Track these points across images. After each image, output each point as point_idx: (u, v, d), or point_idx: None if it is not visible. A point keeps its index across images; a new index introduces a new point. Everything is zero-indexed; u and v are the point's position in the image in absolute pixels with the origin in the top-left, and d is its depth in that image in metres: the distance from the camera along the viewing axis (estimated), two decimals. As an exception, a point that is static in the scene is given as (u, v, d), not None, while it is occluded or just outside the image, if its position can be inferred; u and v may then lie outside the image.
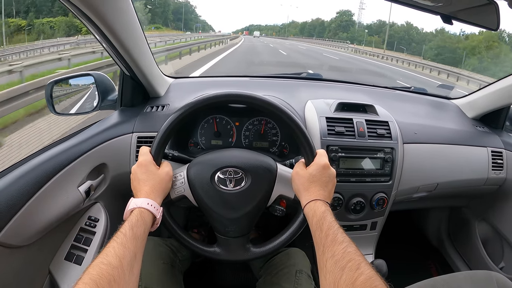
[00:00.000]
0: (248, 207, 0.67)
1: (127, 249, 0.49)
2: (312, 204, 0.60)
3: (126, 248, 0.49)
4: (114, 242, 0.50)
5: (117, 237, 0.51)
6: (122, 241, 0.50)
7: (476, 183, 1.10)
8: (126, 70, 0.90)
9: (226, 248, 0.69)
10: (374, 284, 0.44)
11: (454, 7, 0.75)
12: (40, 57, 9.02)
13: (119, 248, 0.49)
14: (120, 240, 0.50)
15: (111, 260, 0.46)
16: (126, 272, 0.46)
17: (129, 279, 0.47)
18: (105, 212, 0.87)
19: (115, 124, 0.91)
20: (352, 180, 0.93)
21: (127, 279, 0.46)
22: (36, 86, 3.84)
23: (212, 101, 0.69)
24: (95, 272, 0.44)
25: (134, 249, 0.50)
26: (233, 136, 0.95)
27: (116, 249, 0.48)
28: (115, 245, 0.49)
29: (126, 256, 0.48)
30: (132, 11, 0.73)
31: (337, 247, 0.50)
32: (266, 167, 0.69)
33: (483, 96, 1.19)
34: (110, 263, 0.46)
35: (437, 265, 1.45)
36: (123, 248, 0.49)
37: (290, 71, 4.41)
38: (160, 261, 0.79)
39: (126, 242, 0.50)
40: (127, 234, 0.51)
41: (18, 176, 0.67)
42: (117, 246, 0.49)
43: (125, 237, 0.51)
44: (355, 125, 0.94)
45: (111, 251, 0.48)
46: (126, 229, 0.52)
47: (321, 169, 0.64)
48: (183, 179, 0.68)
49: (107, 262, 0.46)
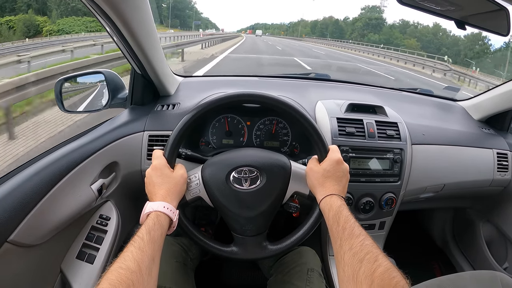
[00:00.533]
0: (264, 205, 0.67)
1: (145, 253, 0.49)
2: (328, 199, 0.61)
3: (144, 252, 0.49)
4: (132, 246, 0.50)
5: (135, 241, 0.51)
6: (139, 245, 0.50)
7: (481, 184, 1.12)
8: (138, 68, 0.90)
9: (243, 247, 0.69)
10: (392, 275, 0.45)
11: (465, 12, 0.76)
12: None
13: (137, 252, 0.49)
14: (138, 244, 0.50)
15: (129, 264, 0.46)
16: (144, 276, 0.47)
17: (147, 283, 0.47)
18: (116, 210, 0.87)
19: (126, 122, 0.91)
20: (362, 180, 0.93)
21: (145, 283, 0.46)
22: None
23: (226, 101, 0.69)
24: (114, 277, 0.44)
25: (152, 253, 0.50)
26: (244, 136, 0.95)
27: (134, 253, 0.48)
28: (133, 250, 0.49)
29: (144, 260, 0.48)
30: (148, 8, 0.73)
31: (354, 240, 0.51)
32: (281, 165, 0.69)
33: (489, 98, 1.20)
34: (129, 268, 0.46)
35: (441, 266, 1.47)
36: (141, 252, 0.49)
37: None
38: (173, 260, 0.79)
39: (143, 246, 0.50)
40: (145, 238, 0.51)
41: (32, 174, 0.67)
42: (135, 250, 0.49)
43: (142, 241, 0.51)
44: (365, 126, 0.95)
45: (129, 255, 0.48)
46: (143, 233, 0.52)
47: (335, 164, 0.65)
48: (198, 181, 0.68)
49: (126, 266, 0.46)
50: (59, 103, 0.95)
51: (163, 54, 0.92)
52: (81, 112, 1.01)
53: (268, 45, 24.48)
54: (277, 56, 14.84)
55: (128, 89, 1.00)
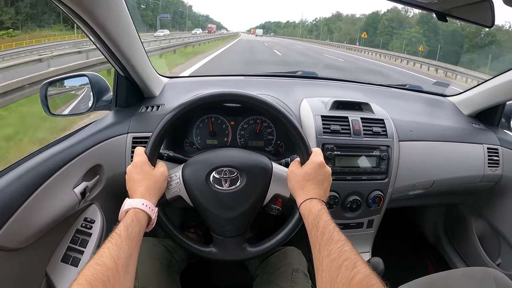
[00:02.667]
0: (243, 207, 0.67)
1: (121, 250, 0.49)
2: (307, 202, 0.60)
3: (121, 248, 0.49)
4: (109, 243, 0.50)
5: (112, 237, 0.51)
6: (117, 242, 0.50)
7: (472, 180, 1.11)
8: (121, 70, 0.90)
9: (222, 248, 0.69)
10: (371, 282, 0.44)
11: (449, 4, 0.75)
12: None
13: (114, 249, 0.48)
14: (115, 241, 0.50)
15: (105, 261, 0.46)
16: (121, 273, 0.46)
17: (124, 280, 0.47)
18: (101, 213, 0.87)
19: (110, 124, 0.91)
20: (348, 178, 0.93)
21: (122, 280, 0.46)
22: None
23: (207, 100, 0.68)
24: (90, 273, 0.44)
25: (129, 250, 0.50)
26: (228, 136, 0.95)
27: (111, 250, 0.48)
28: (110, 246, 0.49)
29: (121, 257, 0.48)
30: (125, 10, 0.73)
31: (333, 246, 0.50)
32: (261, 166, 0.69)
33: (479, 93, 1.19)
34: (105, 264, 0.46)
35: (434, 262, 1.46)
36: (118, 248, 0.49)
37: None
38: (157, 262, 0.79)
39: (121, 243, 0.50)
40: (122, 235, 0.51)
41: (13, 178, 0.67)
42: (112, 247, 0.49)
43: (120, 237, 0.51)
44: (350, 123, 0.94)
45: (105, 252, 0.48)
46: (121, 229, 0.52)
47: (317, 168, 0.64)
48: (178, 179, 0.68)
49: (102, 263, 0.46)
50: (45, 107, 0.95)
51: (146, 56, 0.92)
52: (66, 115, 1.01)
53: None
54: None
55: (112, 91, 1.00)
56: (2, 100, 3.60)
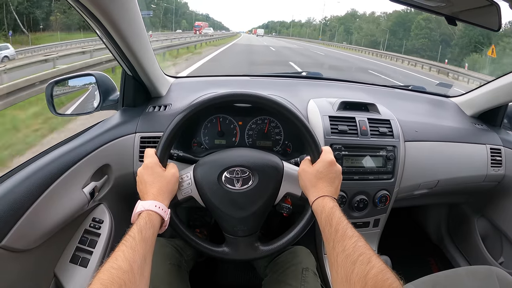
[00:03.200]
0: (256, 206, 0.67)
1: (136, 253, 0.49)
2: (320, 200, 0.61)
3: (136, 251, 0.49)
4: (123, 246, 0.49)
5: (126, 240, 0.50)
6: (131, 245, 0.50)
7: (475, 179, 1.12)
8: (129, 69, 0.90)
9: (234, 247, 0.69)
10: (386, 276, 0.45)
11: (456, 7, 0.76)
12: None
13: (129, 251, 0.48)
14: (130, 243, 0.50)
15: (121, 264, 0.46)
16: (136, 275, 0.46)
17: (139, 283, 0.47)
18: (109, 213, 0.87)
19: (117, 124, 0.90)
20: (355, 178, 0.94)
21: (138, 283, 0.46)
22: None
23: (218, 100, 0.69)
24: (106, 277, 0.44)
25: (143, 252, 0.50)
26: (236, 136, 0.95)
27: (125, 253, 0.48)
28: (124, 249, 0.49)
29: (136, 259, 0.48)
30: (137, 10, 0.73)
31: (347, 241, 0.51)
32: (273, 166, 0.69)
33: (481, 94, 1.21)
34: (121, 267, 0.45)
35: (437, 261, 1.47)
36: (133, 251, 0.49)
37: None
38: (167, 262, 0.78)
39: (135, 246, 0.50)
40: (136, 238, 0.51)
41: (23, 178, 0.66)
42: (127, 250, 0.49)
43: (134, 240, 0.50)
44: (357, 123, 0.95)
45: (120, 255, 0.47)
46: (134, 232, 0.52)
47: (328, 166, 0.64)
48: (190, 180, 0.68)
49: (117, 266, 0.45)
50: (50, 106, 0.94)
51: (154, 56, 0.92)
52: (72, 115, 1.01)
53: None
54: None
55: (119, 91, 0.99)
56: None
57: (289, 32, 77.33)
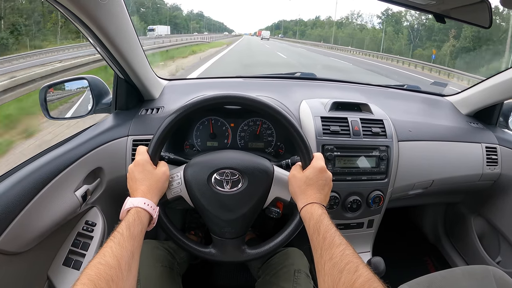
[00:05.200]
0: (244, 209, 0.67)
1: (124, 249, 0.49)
2: (309, 207, 0.61)
3: (124, 247, 0.49)
4: (111, 242, 0.49)
5: (114, 236, 0.51)
6: (119, 241, 0.50)
7: (471, 179, 1.11)
8: (121, 73, 0.90)
9: (221, 249, 0.69)
10: (373, 286, 0.44)
11: (446, 5, 0.76)
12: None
13: (117, 247, 0.48)
14: (117, 239, 0.50)
15: (108, 260, 0.46)
16: (124, 271, 0.46)
17: (127, 279, 0.47)
18: (102, 216, 0.87)
19: (110, 127, 0.91)
20: (348, 178, 0.93)
21: (125, 278, 0.46)
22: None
23: (209, 102, 0.69)
24: (93, 272, 0.44)
25: (131, 249, 0.50)
26: (228, 138, 0.95)
27: (113, 249, 0.48)
28: (112, 245, 0.49)
29: (124, 255, 0.48)
30: (125, 14, 0.73)
31: (334, 249, 0.51)
32: (263, 169, 0.69)
33: (476, 92, 1.20)
34: (108, 263, 0.46)
35: (434, 261, 1.47)
36: (121, 247, 0.49)
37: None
38: (159, 264, 0.79)
39: (123, 242, 0.50)
40: (124, 234, 0.51)
41: (15, 182, 0.67)
42: (115, 246, 0.49)
43: (122, 236, 0.51)
44: (350, 124, 0.95)
45: (108, 251, 0.48)
46: (123, 228, 0.52)
47: (318, 173, 0.64)
48: (180, 180, 0.68)
49: (105, 262, 0.46)
50: (44, 111, 0.95)
51: (146, 59, 0.92)
52: (66, 118, 1.01)
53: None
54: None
55: (112, 94, 1.00)
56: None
57: (311, 34, 55.12)
